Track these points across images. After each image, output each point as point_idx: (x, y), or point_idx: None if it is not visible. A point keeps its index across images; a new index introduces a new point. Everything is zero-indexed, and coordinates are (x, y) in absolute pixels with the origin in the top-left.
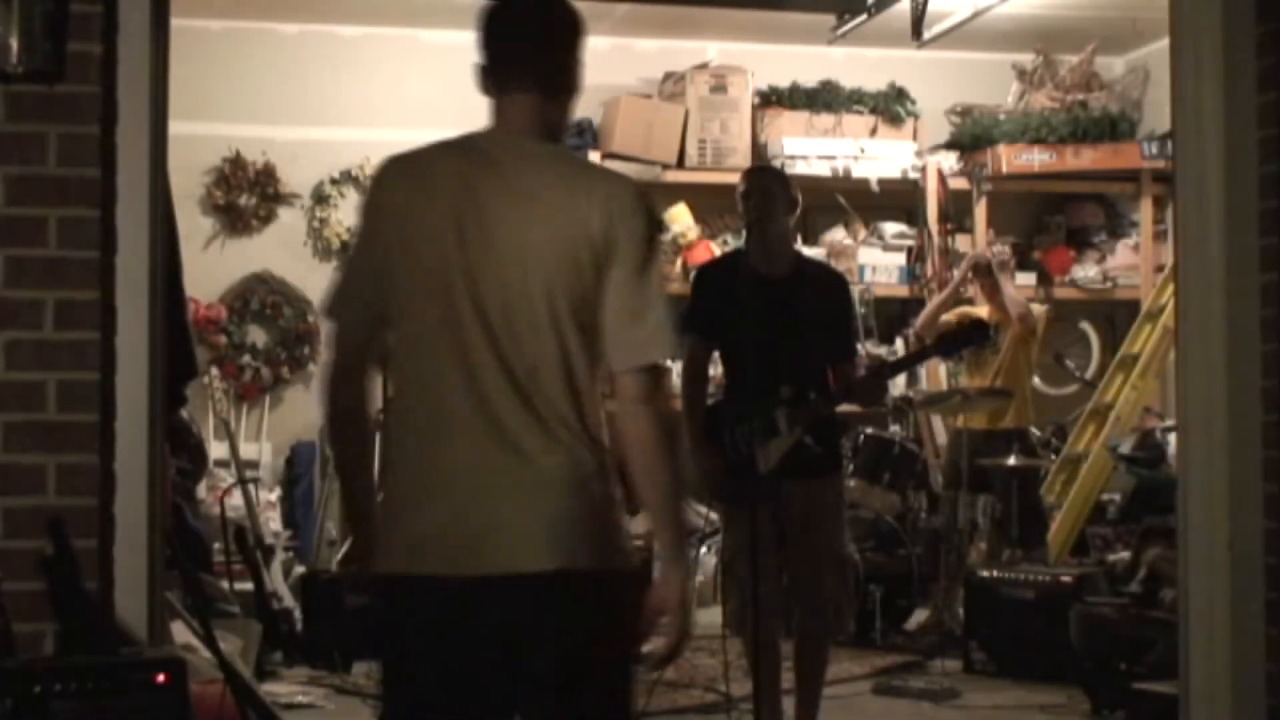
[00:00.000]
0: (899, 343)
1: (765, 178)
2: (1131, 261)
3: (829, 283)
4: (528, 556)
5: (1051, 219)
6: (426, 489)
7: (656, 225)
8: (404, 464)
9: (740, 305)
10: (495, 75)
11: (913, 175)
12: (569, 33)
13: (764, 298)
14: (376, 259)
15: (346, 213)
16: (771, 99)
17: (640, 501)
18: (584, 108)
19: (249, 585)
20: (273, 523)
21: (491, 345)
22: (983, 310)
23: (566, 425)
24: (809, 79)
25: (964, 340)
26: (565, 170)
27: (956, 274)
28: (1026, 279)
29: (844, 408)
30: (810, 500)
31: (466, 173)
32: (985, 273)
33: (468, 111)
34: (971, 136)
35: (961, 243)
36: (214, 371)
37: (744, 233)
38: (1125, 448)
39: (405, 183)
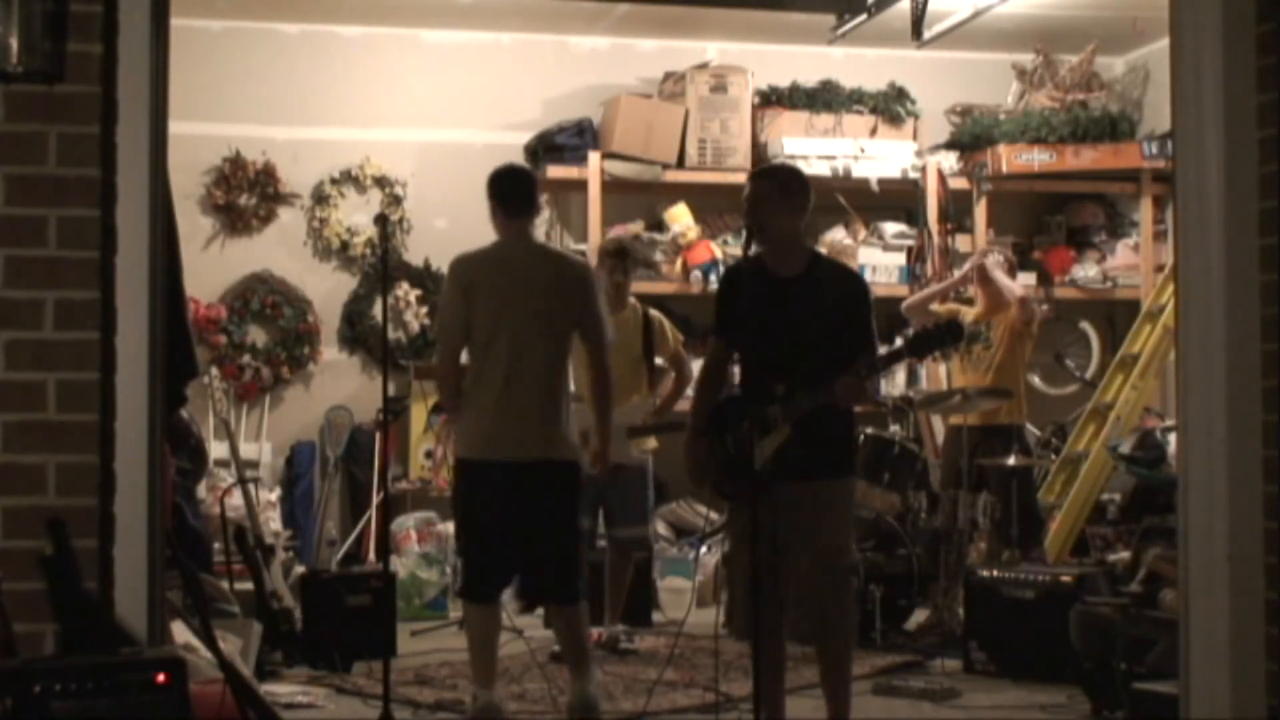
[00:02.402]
0: (899, 343)
1: (760, 184)
2: (1131, 261)
3: (841, 281)
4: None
5: (1051, 219)
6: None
7: (596, 285)
8: (478, 402)
9: (753, 305)
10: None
11: (913, 175)
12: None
13: (772, 297)
14: (462, 312)
15: (346, 213)
16: (771, 99)
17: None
18: (584, 107)
19: (249, 585)
20: (273, 523)
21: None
22: (979, 308)
23: (552, 392)
24: (809, 79)
25: (937, 341)
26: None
27: (959, 271)
28: (1026, 279)
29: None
30: (804, 502)
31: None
32: (984, 270)
33: (467, 111)
34: (971, 136)
35: (961, 243)
36: (214, 371)
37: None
38: (1125, 448)
39: (473, 270)
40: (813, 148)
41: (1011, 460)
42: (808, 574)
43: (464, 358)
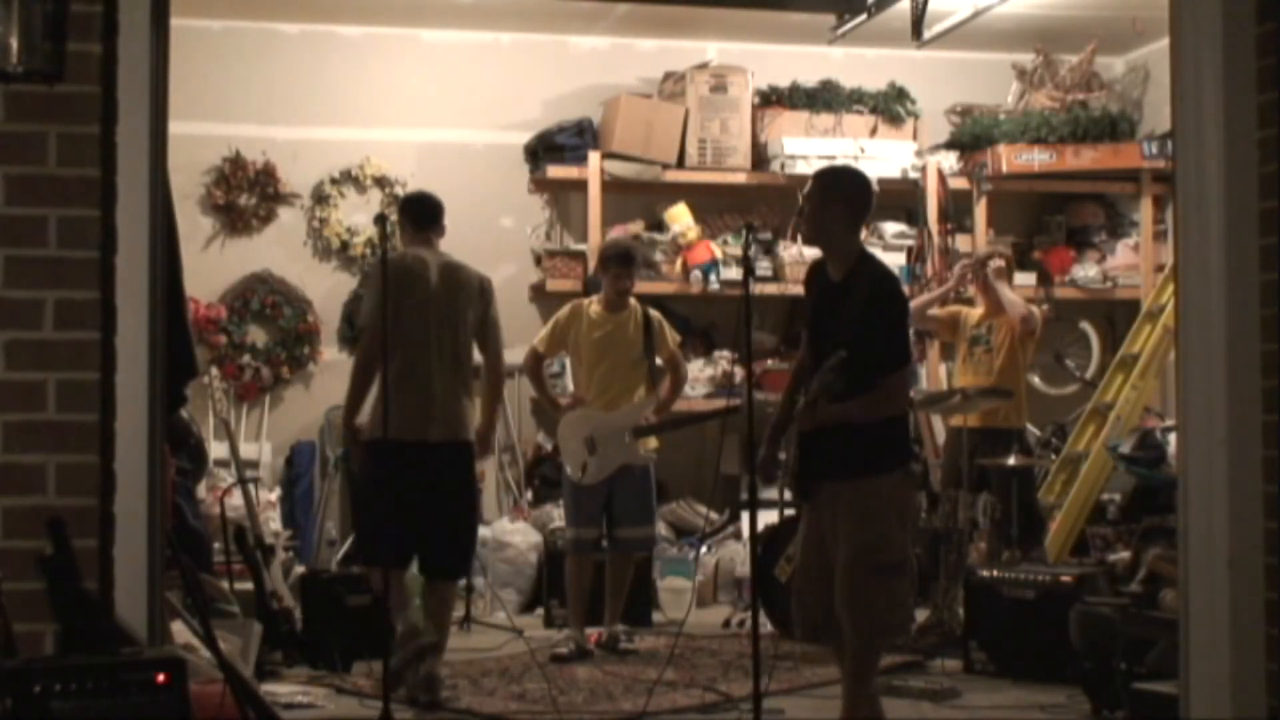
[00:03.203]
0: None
1: (810, 187)
2: (1131, 261)
3: (870, 286)
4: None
5: (1051, 219)
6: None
7: (492, 293)
8: (390, 389)
9: (811, 306)
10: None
11: (913, 175)
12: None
13: (822, 300)
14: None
15: (346, 212)
16: (771, 99)
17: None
18: (584, 107)
19: (249, 585)
20: (273, 523)
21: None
22: (980, 310)
23: (454, 381)
24: (809, 79)
25: (831, 383)
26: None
27: (953, 276)
28: (1026, 279)
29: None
30: (841, 501)
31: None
32: (982, 270)
33: (467, 111)
34: (971, 136)
35: (962, 243)
36: (214, 371)
37: None
38: (1125, 448)
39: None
40: (813, 148)
41: (1012, 460)
42: (843, 572)
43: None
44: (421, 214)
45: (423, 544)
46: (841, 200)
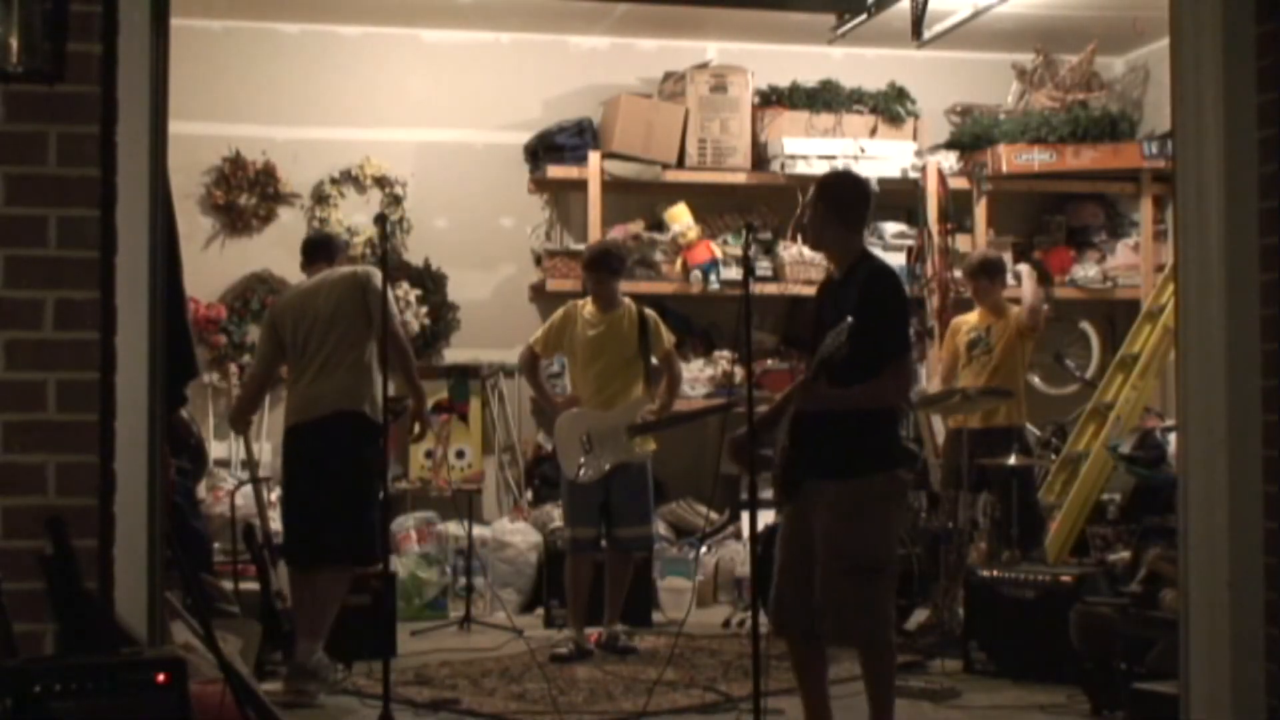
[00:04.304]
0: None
1: (814, 192)
2: (1131, 261)
3: (866, 281)
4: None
5: (1051, 219)
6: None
7: (374, 283)
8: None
9: (817, 310)
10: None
11: (913, 175)
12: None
13: (825, 304)
14: (268, 348)
15: (347, 212)
16: (771, 99)
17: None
18: (584, 107)
19: (253, 585)
20: (274, 522)
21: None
22: (976, 314)
23: (346, 364)
24: (809, 79)
25: (829, 359)
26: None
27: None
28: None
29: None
30: (824, 501)
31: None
32: (979, 275)
33: (467, 111)
34: (971, 136)
35: (962, 243)
36: (214, 372)
37: None
38: (1125, 448)
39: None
40: (813, 148)
41: (1012, 460)
42: (824, 573)
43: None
44: (309, 252)
45: (310, 526)
46: (835, 205)
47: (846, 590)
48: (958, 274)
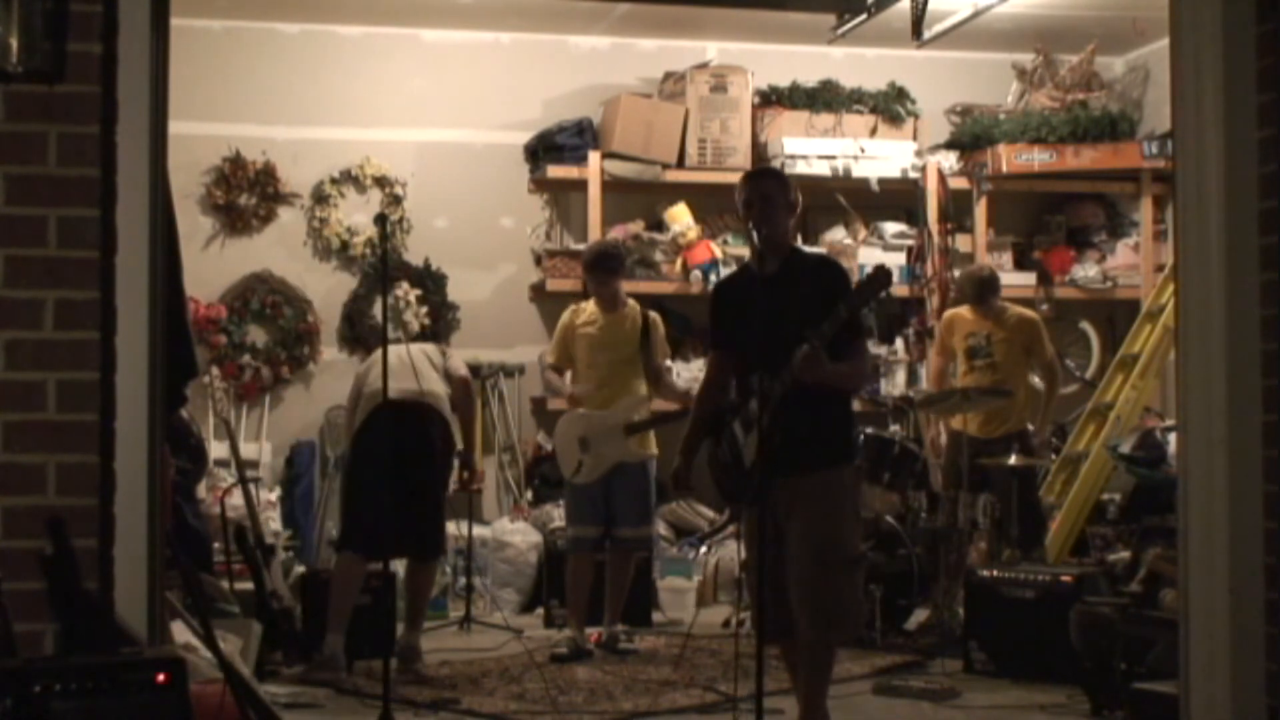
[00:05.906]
0: (899, 343)
1: (765, 184)
2: (1131, 261)
3: (818, 270)
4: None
5: (1051, 219)
6: None
7: None
8: None
9: (740, 308)
10: None
11: (913, 175)
12: None
13: (754, 297)
14: None
15: (346, 212)
16: (771, 99)
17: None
18: (584, 107)
19: (249, 585)
20: (273, 522)
21: None
22: (971, 317)
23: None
24: (809, 79)
25: (870, 290)
26: None
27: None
28: (1026, 279)
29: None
30: (802, 496)
31: None
32: (978, 301)
33: (467, 111)
34: (971, 136)
35: (962, 242)
36: (214, 371)
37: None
38: (1125, 448)
39: None
40: (813, 148)
41: (1013, 460)
42: (808, 570)
43: None
44: None
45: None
46: (787, 198)
47: (840, 583)
48: (958, 274)
